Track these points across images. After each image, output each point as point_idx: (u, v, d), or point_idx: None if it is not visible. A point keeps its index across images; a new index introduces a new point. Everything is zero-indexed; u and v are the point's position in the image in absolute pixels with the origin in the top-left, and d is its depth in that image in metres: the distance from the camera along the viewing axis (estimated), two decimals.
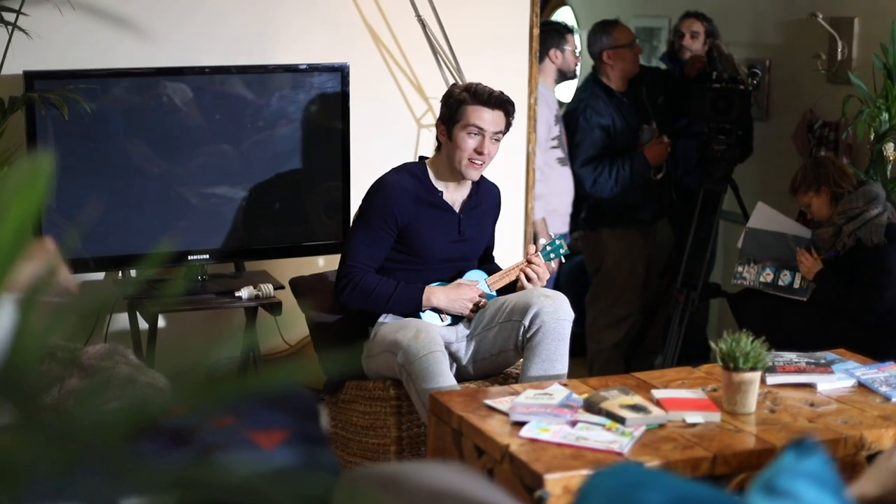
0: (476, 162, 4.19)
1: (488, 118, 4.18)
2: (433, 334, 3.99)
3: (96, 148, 4.54)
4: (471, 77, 5.06)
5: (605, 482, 1.99)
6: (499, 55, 5.37)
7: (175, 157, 4.66)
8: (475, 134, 4.17)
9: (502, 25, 5.38)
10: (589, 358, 6.28)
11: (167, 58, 4.71)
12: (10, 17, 4.31)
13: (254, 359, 4.82)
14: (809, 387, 3.74)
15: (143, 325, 4.65)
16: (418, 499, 1.98)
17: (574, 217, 6.23)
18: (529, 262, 4.30)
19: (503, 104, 4.21)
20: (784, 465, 1.73)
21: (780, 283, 5.30)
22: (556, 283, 6.49)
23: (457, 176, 4.26)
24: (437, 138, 4.32)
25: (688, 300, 5.89)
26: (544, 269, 4.34)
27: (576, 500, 1.99)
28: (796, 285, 5.26)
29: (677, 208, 6.30)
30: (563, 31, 6.08)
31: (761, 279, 5.33)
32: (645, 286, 6.31)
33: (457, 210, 4.30)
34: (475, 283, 4.29)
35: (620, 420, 3.33)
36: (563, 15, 8.21)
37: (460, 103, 4.19)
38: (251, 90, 4.74)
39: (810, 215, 5.37)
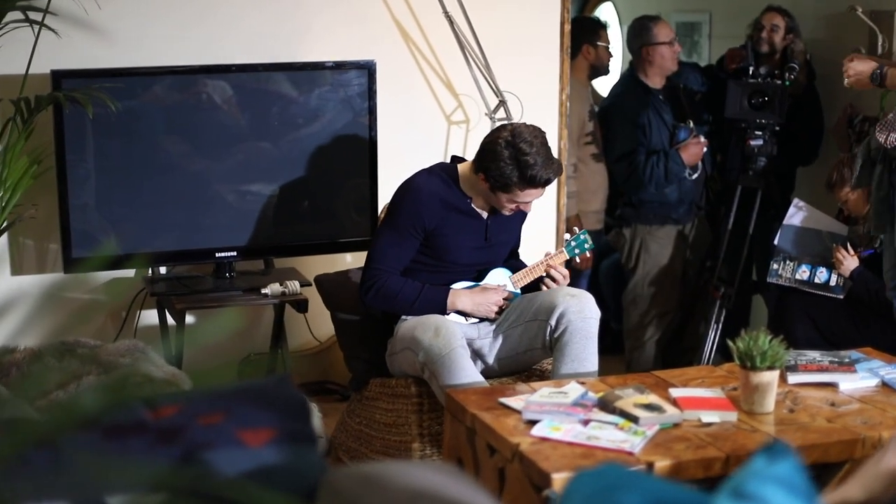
0: (514, 209, 4.18)
1: (537, 194, 4.12)
2: (453, 330, 3.98)
3: (126, 146, 4.58)
4: (500, 75, 5.04)
5: (586, 483, 1.98)
6: (529, 52, 5.34)
7: (204, 154, 4.68)
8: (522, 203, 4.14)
9: (532, 22, 5.35)
10: (626, 356, 6.23)
11: (194, 55, 4.74)
12: (36, 16, 4.35)
13: (282, 355, 4.84)
14: (832, 386, 3.68)
15: (171, 320, 4.68)
16: (397, 498, 1.96)
17: (611, 214, 6.19)
18: (549, 270, 4.28)
19: (551, 181, 4.11)
20: (754, 470, 1.70)
21: (817, 280, 5.23)
22: (595, 280, 6.46)
23: (490, 201, 4.21)
24: (475, 161, 4.16)
25: (724, 297, 5.83)
26: (565, 271, 4.31)
27: (560, 500, 1.98)
28: (833, 283, 5.19)
29: (714, 205, 6.23)
30: (597, 26, 6.04)
31: (797, 276, 5.26)
32: (682, 283, 6.25)
33: (484, 217, 4.26)
34: (501, 286, 4.26)
35: (634, 419, 3.30)
36: (606, 11, 8.15)
37: (509, 185, 4.03)
38: (277, 88, 4.75)
39: (847, 212, 5.30)
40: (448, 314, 4.16)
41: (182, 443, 2.02)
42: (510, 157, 3.99)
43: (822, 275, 5.23)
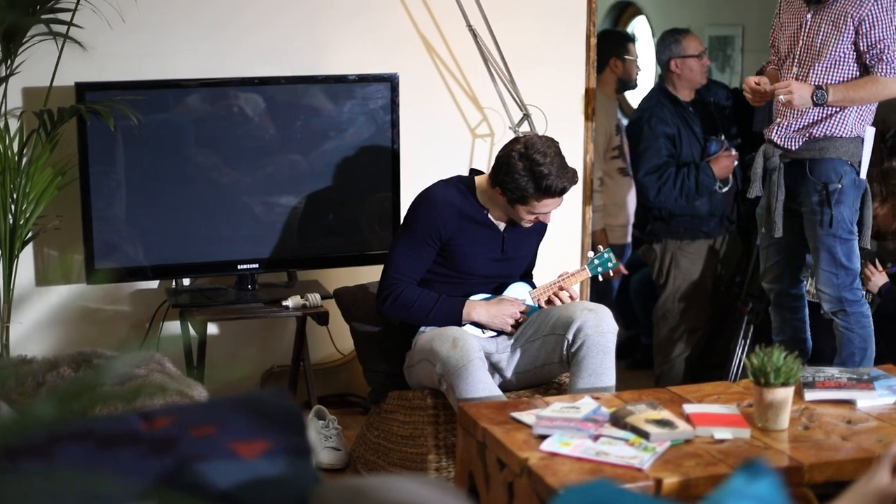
0: (532, 221, 4.18)
1: (554, 203, 4.12)
2: (470, 342, 3.97)
3: (151, 158, 4.61)
4: (525, 89, 5.03)
5: (573, 499, 1.96)
6: (554, 65, 5.33)
7: (230, 166, 4.71)
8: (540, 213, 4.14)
9: (558, 34, 5.33)
10: (656, 371, 6.19)
11: (217, 68, 4.76)
12: (60, 29, 4.39)
13: (304, 368, 4.85)
14: (849, 403, 3.64)
15: (193, 332, 4.70)
16: None
17: (640, 229, 6.16)
18: (561, 288, 4.27)
19: (566, 190, 4.11)
20: (733, 488, 1.69)
21: None
22: (625, 294, 6.43)
23: (507, 214, 4.22)
24: (491, 173, 4.17)
25: (753, 313, 5.78)
26: (575, 293, 4.31)
27: None
28: None
29: (745, 219, 6.19)
30: (624, 39, 6.01)
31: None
32: (713, 298, 6.21)
33: (501, 229, 4.26)
34: (518, 300, 4.25)
35: (644, 435, 3.27)
36: (639, 24, 8.13)
37: (525, 197, 4.04)
38: (301, 101, 4.77)
39: (876, 227, 5.25)
40: (464, 325, 4.16)
41: (175, 454, 2.02)
42: (524, 169, 4.00)
43: None
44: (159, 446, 2.01)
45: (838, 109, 4.59)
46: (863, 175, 4.72)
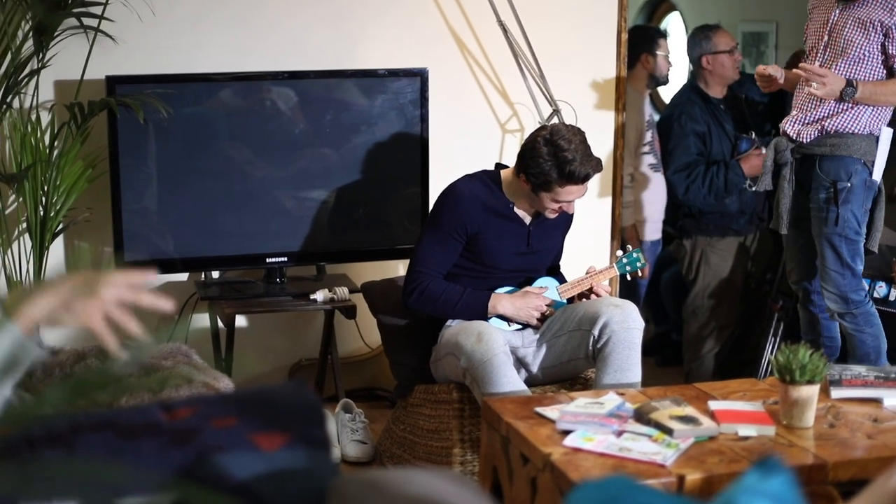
0: (556, 211, 4.19)
1: (578, 191, 4.12)
2: (496, 336, 3.97)
3: (181, 151, 4.63)
4: (555, 84, 5.02)
5: (590, 494, 1.96)
6: (585, 60, 5.32)
7: (260, 159, 4.72)
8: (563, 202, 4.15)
9: (589, 30, 5.32)
10: (685, 367, 6.17)
11: (247, 61, 4.78)
12: (92, 22, 4.42)
13: (332, 361, 4.86)
14: (876, 402, 3.62)
15: (221, 325, 4.73)
16: None
17: (671, 225, 6.14)
18: (591, 289, 4.28)
19: (591, 176, 4.12)
20: (746, 485, 1.68)
21: (876, 295, 5.14)
22: (655, 290, 6.42)
23: (533, 205, 4.22)
24: (516, 165, 4.19)
25: (783, 310, 5.75)
26: (608, 288, 4.32)
27: None
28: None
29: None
30: (656, 35, 5.98)
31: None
32: (743, 296, 6.18)
33: (527, 223, 4.26)
34: (543, 290, 4.25)
35: (668, 431, 3.26)
36: (673, 20, 8.10)
37: (550, 182, 4.05)
38: (331, 95, 4.78)
39: None
40: (490, 318, 4.16)
41: (195, 445, 2.03)
42: (549, 154, 4.02)
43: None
44: (180, 437, 2.02)
45: (853, 105, 4.57)
46: (876, 176, 4.69)
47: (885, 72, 4.58)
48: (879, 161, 4.67)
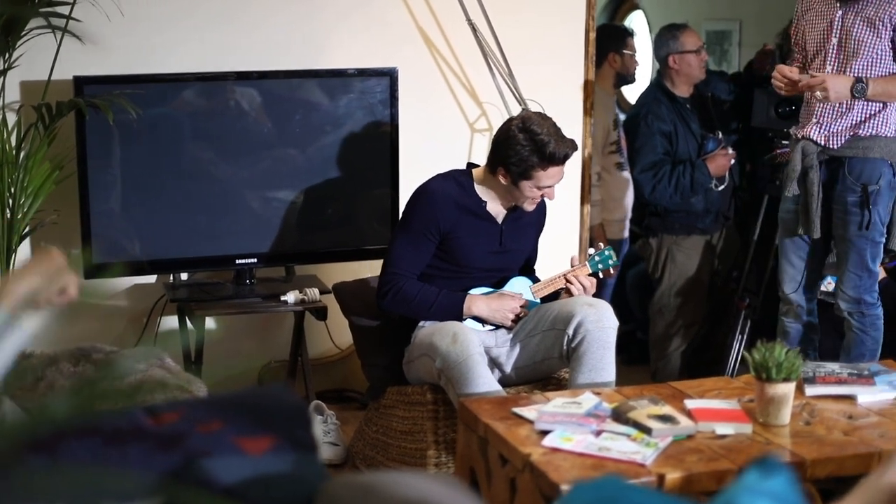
0: (536, 200, 4.18)
1: (558, 174, 4.13)
2: (471, 337, 3.97)
3: (150, 152, 4.59)
4: (524, 83, 5.02)
5: (583, 495, 1.96)
6: (553, 59, 5.32)
7: (228, 160, 4.70)
8: (546, 188, 4.14)
9: (557, 29, 5.33)
10: (652, 366, 6.19)
11: (216, 62, 4.75)
12: (59, 22, 4.37)
13: (302, 363, 4.83)
14: (850, 398, 3.64)
15: (191, 326, 4.69)
16: None
17: (637, 223, 6.15)
18: (569, 279, 4.26)
19: (569, 156, 4.14)
20: (746, 484, 1.68)
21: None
22: (621, 289, 6.43)
23: (508, 202, 4.22)
24: (489, 161, 4.20)
25: (750, 308, 5.78)
26: (588, 282, 4.28)
27: None
28: None
29: (743, 215, 6.19)
30: (623, 34, 6.00)
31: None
32: (709, 294, 6.21)
33: (499, 221, 4.26)
34: (518, 294, 4.25)
35: (647, 430, 3.26)
36: (636, 19, 8.13)
37: (531, 167, 4.06)
38: (300, 95, 4.76)
39: None
40: (464, 319, 4.15)
41: (181, 450, 2.01)
42: (526, 140, 4.04)
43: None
44: (166, 442, 2.00)
45: (882, 108, 4.55)
46: None
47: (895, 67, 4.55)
48: None
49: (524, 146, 4.04)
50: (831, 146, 4.60)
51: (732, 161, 5.88)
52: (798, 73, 4.56)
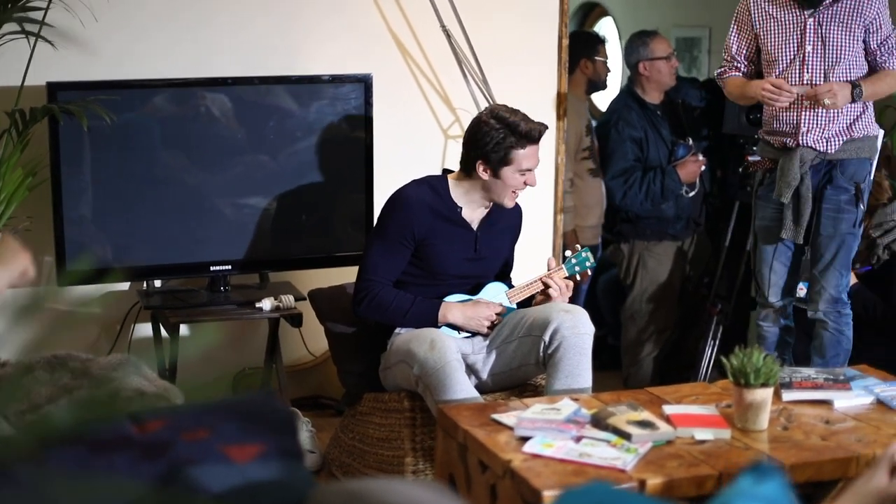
0: (517, 192, 4.18)
1: (535, 154, 4.16)
2: (448, 344, 3.97)
3: (122, 159, 4.57)
4: (497, 89, 5.03)
5: (573, 502, 1.96)
6: (526, 66, 5.33)
7: (200, 167, 4.68)
8: (527, 171, 4.15)
9: (530, 36, 5.34)
10: (624, 372, 6.21)
11: (190, 68, 4.73)
12: (33, 27, 4.34)
13: (276, 370, 4.82)
14: (827, 403, 3.66)
15: (165, 334, 4.66)
16: None
17: (608, 229, 6.17)
18: (546, 281, 4.26)
19: (543, 133, 4.18)
20: (740, 489, 1.69)
21: (799, 294, 5.20)
22: (593, 295, 6.45)
23: (486, 201, 4.22)
24: (464, 162, 4.21)
25: (721, 313, 5.81)
26: (564, 284, 4.29)
27: None
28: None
29: (714, 221, 6.22)
30: (595, 41, 6.02)
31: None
32: (680, 300, 6.24)
33: (474, 228, 4.26)
34: (494, 302, 4.25)
35: (626, 436, 3.27)
36: (606, 25, 8.16)
37: (509, 148, 4.09)
38: (274, 101, 4.75)
39: None
40: (440, 326, 4.15)
41: (168, 458, 2.00)
42: (499, 125, 4.10)
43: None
44: (152, 450, 1.99)
45: (865, 108, 4.62)
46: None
47: (867, 67, 4.61)
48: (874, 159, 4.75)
49: (498, 130, 4.08)
50: (829, 150, 4.63)
51: (703, 167, 5.91)
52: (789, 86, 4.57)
